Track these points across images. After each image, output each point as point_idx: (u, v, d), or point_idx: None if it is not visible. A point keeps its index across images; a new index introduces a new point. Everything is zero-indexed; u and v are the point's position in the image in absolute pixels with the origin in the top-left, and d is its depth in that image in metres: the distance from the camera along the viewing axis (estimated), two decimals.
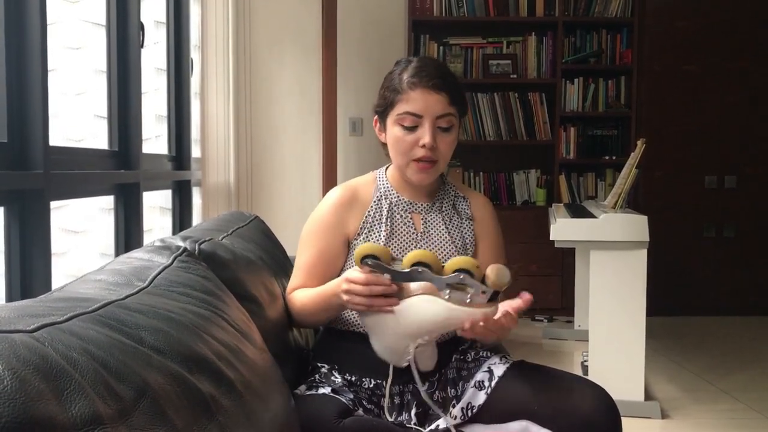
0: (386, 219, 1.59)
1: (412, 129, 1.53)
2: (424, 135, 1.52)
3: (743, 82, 4.79)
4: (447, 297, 1.30)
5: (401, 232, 1.59)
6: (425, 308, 1.31)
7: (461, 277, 1.29)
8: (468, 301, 1.28)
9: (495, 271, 1.28)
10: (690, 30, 4.76)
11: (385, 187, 1.64)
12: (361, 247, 1.36)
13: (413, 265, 1.32)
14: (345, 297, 1.38)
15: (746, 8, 4.75)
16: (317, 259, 1.59)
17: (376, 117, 1.63)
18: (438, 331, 1.36)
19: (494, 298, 1.30)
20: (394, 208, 1.61)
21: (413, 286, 1.34)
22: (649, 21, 4.75)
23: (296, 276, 1.62)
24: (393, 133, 1.56)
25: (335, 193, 1.63)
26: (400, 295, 1.34)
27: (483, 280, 1.29)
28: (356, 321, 1.56)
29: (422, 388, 1.41)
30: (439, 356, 1.54)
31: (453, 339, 1.60)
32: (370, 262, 1.34)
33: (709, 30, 4.76)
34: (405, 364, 1.39)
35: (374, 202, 1.61)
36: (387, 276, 1.33)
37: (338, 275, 1.56)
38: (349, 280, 1.37)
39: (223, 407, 0.90)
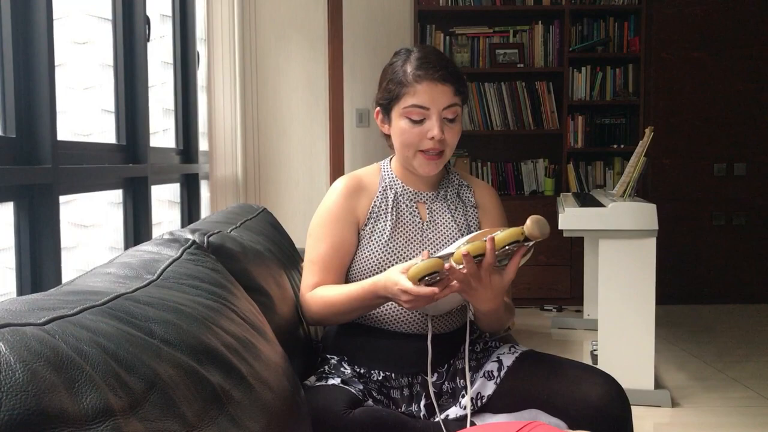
0: (392, 209, 1.58)
1: (419, 122, 1.52)
2: (433, 127, 1.51)
3: (752, 69, 4.75)
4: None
5: (407, 222, 1.58)
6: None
7: (511, 250, 1.36)
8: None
9: (538, 226, 1.31)
10: (698, 17, 4.73)
11: (390, 178, 1.63)
12: (413, 272, 1.33)
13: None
14: (408, 306, 1.38)
15: None
16: (332, 252, 1.56)
17: (378, 109, 1.61)
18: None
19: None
20: (400, 198, 1.61)
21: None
22: (656, 8, 4.72)
23: (311, 272, 1.58)
24: (399, 125, 1.55)
25: (341, 183, 1.62)
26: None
27: (526, 238, 1.34)
28: (366, 314, 1.56)
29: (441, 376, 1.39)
30: (449, 347, 1.55)
31: (462, 330, 1.60)
32: (428, 279, 1.34)
33: (718, 16, 4.73)
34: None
35: (380, 192, 1.61)
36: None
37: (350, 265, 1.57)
38: (411, 293, 1.34)
39: (233, 398, 0.90)
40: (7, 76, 1.72)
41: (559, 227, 2.96)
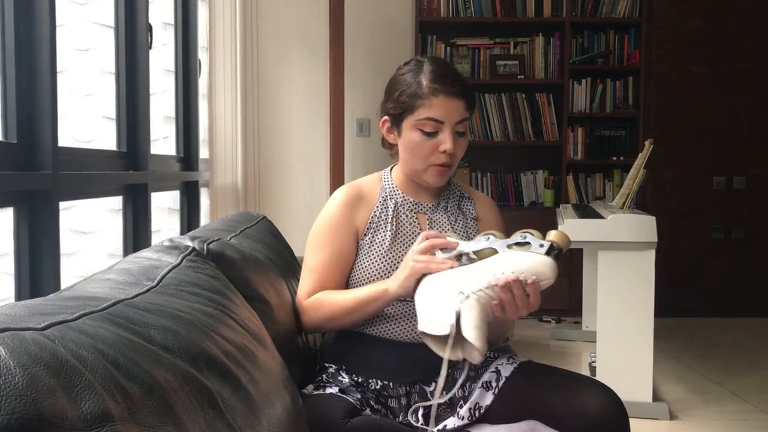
0: (392, 219, 1.59)
1: (432, 134, 1.53)
2: (446, 141, 1.52)
3: (751, 83, 4.77)
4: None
5: (407, 232, 1.59)
6: (483, 257, 1.34)
7: (524, 235, 1.32)
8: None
9: (557, 232, 1.32)
10: (698, 30, 4.75)
11: (390, 188, 1.64)
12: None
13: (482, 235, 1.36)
14: (418, 266, 1.38)
15: (753, 8, 4.74)
16: (331, 260, 1.57)
17: (385, 118, 1.60)
18: (492, 277, 1.29)
19: (553, 255, 1.31)
20: (400, 208, 1.61)
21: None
22: (656, 21, 4.74)
23: (309, 279, 1.58)
24: (411, 137, 1.55)
25: (341, 192, 1.62)
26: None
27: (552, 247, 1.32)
28: (364, 322, 1.56)
29: (443, 375, 1.35)
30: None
31: None
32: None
33: (717, 30, 4.75)
34: (446, 346, 1.31)
35: (380, 201, 1.61)
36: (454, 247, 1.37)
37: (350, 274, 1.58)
38: (427, 236, 1.42)
39: (231, 405, 0.90)
40: (9, 81, 1.72)
41: None
